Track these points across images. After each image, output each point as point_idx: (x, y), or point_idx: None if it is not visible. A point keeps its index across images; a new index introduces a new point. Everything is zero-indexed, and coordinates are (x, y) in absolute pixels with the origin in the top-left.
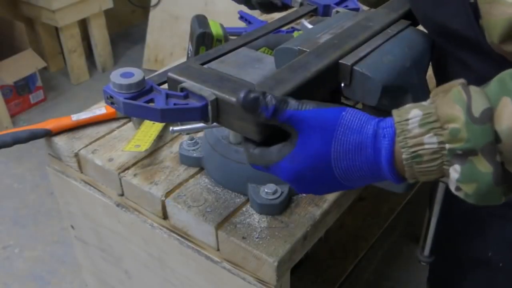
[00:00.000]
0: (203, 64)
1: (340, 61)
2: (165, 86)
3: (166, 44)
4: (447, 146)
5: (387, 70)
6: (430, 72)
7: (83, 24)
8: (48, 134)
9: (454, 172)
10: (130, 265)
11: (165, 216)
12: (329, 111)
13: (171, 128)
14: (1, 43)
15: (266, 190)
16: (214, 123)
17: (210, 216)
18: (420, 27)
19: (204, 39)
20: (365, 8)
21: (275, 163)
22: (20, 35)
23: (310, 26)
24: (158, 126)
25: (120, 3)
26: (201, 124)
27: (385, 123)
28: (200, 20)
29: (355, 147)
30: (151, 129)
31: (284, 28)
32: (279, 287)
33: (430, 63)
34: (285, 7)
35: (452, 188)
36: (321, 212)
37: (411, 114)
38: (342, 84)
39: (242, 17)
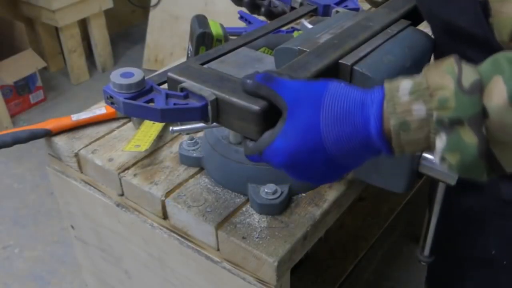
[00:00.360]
0: (203, 64)
1: (340, 61)
2: (165, 86)
3: (166, 44)
4: (435, 114)
5: (387, 70)
6: None
7: (83, 24)
8: (48, 134)
9: (440, 141)
10: (130, 265)
11: (165, 216)
12: (317, 82)
13: (171, 128)
14: (1, 43)
15: (266, 190)
16: (214, 123)
17: (210, 216)
18: (420, 27)
19: (204, 39)
20: (365, 8)
21: (268, 146)
22: (20, 35)
23: (310, 26)
24: (158, 126)
25: (120, 3)
26: (201, 124)
27: (373, 91)
28: (200, 20)
29: (343, 114)
30: (151, 129)
31: (284, 28)
32: (279, 287)
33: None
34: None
35: (437, 159)
36: (321, 212)
37: (402, 84)
38: None
39: (242, 17)
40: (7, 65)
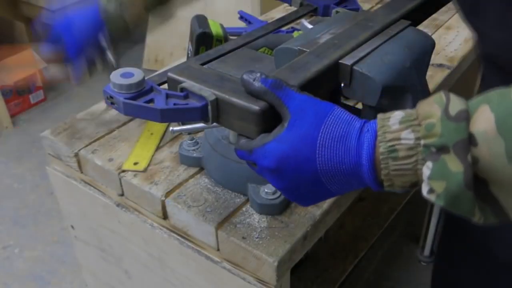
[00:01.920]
0: (203, 64)
1: (340, 61)
2: (165, 86)
3: (166, 44)
4: (422, 142)
5: (387, 70)
6: (430, 72)
7: None
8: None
9: (427, 169)
10: (130, 265)
11: (165, 216)
12: (324, 102)
13: (171, 128)
14: (1, 43)
15: (266, 190)
16: (214, 123)
17: (210, 216)
18: (420, 27)
19: (204, 39)
20: (365, 8)
21: (260, 146)
22: (20, 35)
23: (310, 26)
24: (156, 138)
25: None
26: (201, 124)
27: (372, 121)
28: (200, 20)
29: (341, 135)
30: (148, 141)
31: (284, 28)
32: (279, 287)
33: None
34: None
35: (425, 190)
36: (321, 212)
37: (394, 114)
38: (342, 84)
39: (242, 17)
40: (7, 65)
